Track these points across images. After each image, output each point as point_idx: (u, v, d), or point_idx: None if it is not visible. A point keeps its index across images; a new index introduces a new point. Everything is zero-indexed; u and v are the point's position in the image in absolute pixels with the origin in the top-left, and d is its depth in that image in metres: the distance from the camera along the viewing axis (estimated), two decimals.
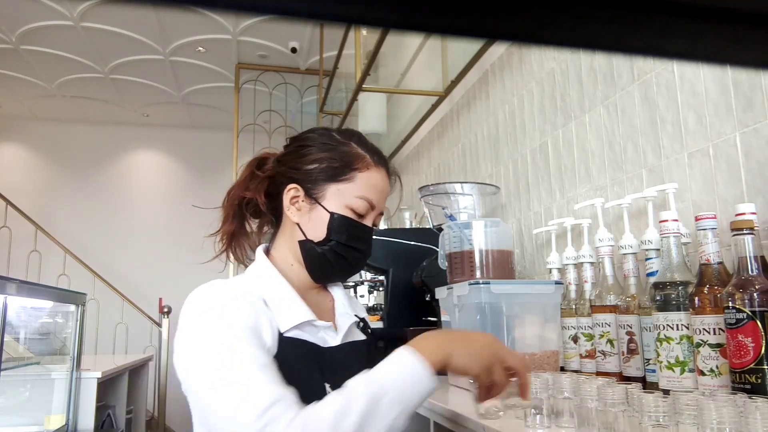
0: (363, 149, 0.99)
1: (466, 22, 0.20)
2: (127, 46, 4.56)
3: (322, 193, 0.96)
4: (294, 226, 0.98)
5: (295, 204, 0.97)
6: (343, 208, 0.96)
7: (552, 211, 1.83)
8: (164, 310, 4.89)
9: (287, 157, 1.00)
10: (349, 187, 0.96)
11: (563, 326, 1.37)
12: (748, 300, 0.84)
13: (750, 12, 0.21)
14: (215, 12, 0.20)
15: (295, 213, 0.97)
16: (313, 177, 0.96)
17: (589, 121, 1.64)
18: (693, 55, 0.23)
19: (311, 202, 0.96)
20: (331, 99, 4.11)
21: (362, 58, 2.74)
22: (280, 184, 0.99)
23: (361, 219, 0.98)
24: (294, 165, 0.98)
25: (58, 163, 6.18)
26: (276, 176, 1.00)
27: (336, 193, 0.95)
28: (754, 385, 0.82)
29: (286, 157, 1.01)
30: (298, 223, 0.97)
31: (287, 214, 0.98)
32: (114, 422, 3.28)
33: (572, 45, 0.22)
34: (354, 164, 0.96)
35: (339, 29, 3.53)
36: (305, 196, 0.97)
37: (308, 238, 0.97)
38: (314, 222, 0.96)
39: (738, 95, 1.13)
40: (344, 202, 0.95)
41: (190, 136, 6.41)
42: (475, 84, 2.48)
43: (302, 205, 0.97)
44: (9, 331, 2.31)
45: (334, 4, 0.19)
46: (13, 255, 5.39)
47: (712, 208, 1.17)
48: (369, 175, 0.97)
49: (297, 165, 0.98)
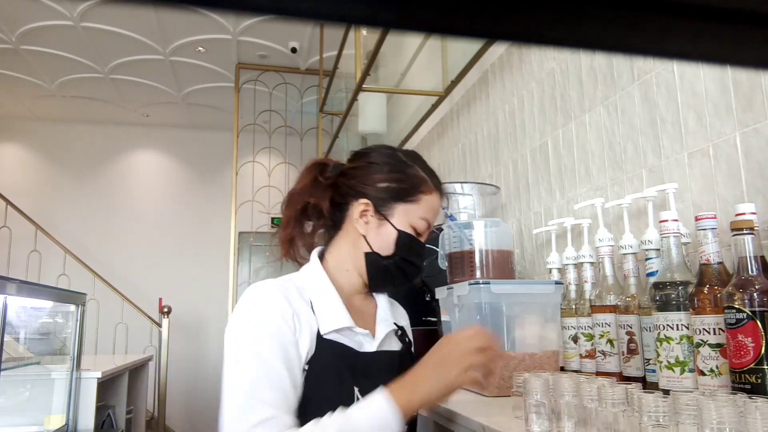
0: (426, 173, 1.08)
1: (466, 22, 0.20)
2: (127, 46, 4.56)
3: (391, 210, 1.04)
4: (359, 237, 1.06)
5: (364, 218, 1.05)
6: (407, 226, 1.05)
7: (552, 211, 1.83)
8: (164, 310, 4.89)
9: (354, 171, 1.08)
10: (414, 208, 1.05)
11: (563, 326, 1.37)
12: (748, 300, 0.84)
13: (750, 12, 0.21)
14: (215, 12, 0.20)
15: (363, 226, 1.05)
16: (384, 195, 1.04)
17: (589, 121, 1.64)
18: (693, 55, 0.23)
19: (380, 218, 1.05)
20: (331, 99, 4.11)
21: (362, 58, 2.74)
22: (347, 196, 1.07)
23: (419, 237, 1.07)
24: (364, 180, 1.06)
25: (58, 163, 6.18)
26: (342, 187, 1.07)
27: (403, 212, 1.04)
28: (754, 385, 0.82)
29: (352, 171, 1.08)
30: (365, 236, 1.05)
31: (354, 225, 1.06)
32: (114, 422, 3.28)
33: (572, 45, 0.22)
34: (420, 187, 1.06)
35: (339, 29, 3.53)
36: (375, 211, 1.05)
37: (374, 251, 1.05)
38: (382, 237, 1.04)
39: (738, 95, 1.13)
40: (409, 221, 1.05)
41: (190, 136, 6.41)
42: (475, 84, 2.48)
43: (371, 220, 1.05)
44: (9, 331, 2.31)
45: (334, 4, 0.19)
46: (13, 255, 5.39)
47: (712, 208, 1.17)
48: (431, 198, 1.07)
49: (367, 181, 1.05)
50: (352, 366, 0.97)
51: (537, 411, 0.88)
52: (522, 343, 1.29)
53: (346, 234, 1.07)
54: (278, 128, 5.19)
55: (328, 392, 0.93)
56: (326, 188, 1.07)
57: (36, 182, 6.08)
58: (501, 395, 1.22)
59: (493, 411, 1.10)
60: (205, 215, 6.21)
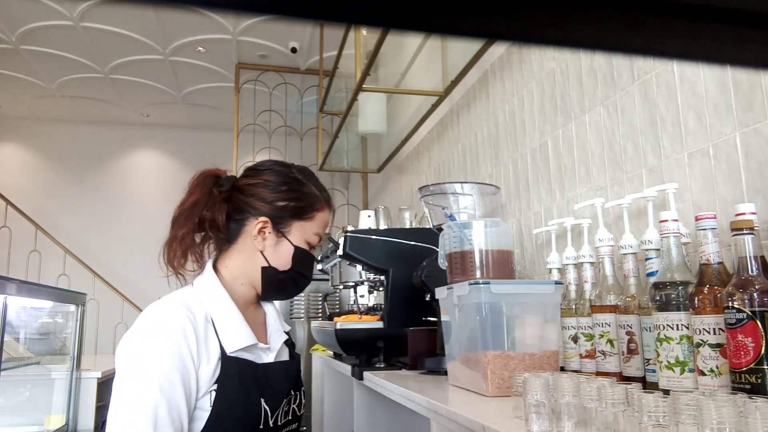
0: (318, 190, 1.15)
1: (466, 22, 0.20)
2: (127, 46, 4.56)
3: (288, 228, 1.10)
4: (255, 252, 1.09)
5: (262, 234, 1.09)
6: (303, 242, 1.11)
7: (552, 211, 1.83)
8: None
9: (249, 188, 1.10)
10: (309, 225, 1.12)
11: (563, 326, 1.37)
12: (748, 300, 0.84)
13: (750, 12, 0.21)
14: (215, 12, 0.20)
15: (261, 242, 1.09)
16: (282, 214, 1.09)
17: (589, 121, 1.64)
18: (693, 55, 0.23)
19: (278, 235, 1.09)
20: (331, 99, 4.11)
21: (362, 58, 2.74)
22: (244, 212, 1.09)
23: (312, 250, 1.14)
24: (261, 198, 1.09)
25: (58, 163, 6.18)
26: (237, 202, 1.10)
27: (299, 229, 1.11)
28: (754, 385, 0.82)
29: (247, 187, 1.10)
30: (262, 251, 1.09)
31: (251, 241, 1.09)
32: None
33: (572, 45, 0.22)
34: (315, 205, 1.13)
35: (339, 29, 3.53)
36: (273, 229, 1.09)
37: (272, 265, 1.09)
38: (279, 253, 1.10)
39: (738, 95, 1.13)
40: (305, 237, 1.11)
41: (190, 136, 6.41)
42: (475, 84, 2.48)
43: (268, 237, 1.09)
44: (9, 331, 2.31)
45: (334, 4, 0.19)
46: (13, 255, 5.39)
47: (712, 208, 1.17)
48: (323, 214, 1.14)
49: (265, 199, 1.09)
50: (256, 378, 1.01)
51: (537, 411, 0.88)
52: (522, 343, 1.29)
53: (241, 248, 1.10)
54: (278, 128, 5.19)
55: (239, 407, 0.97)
56: (222, 202, 1.09)
57: (36, 182, 6.08)
58: (501, 395, 1.22)
59: (493, 411, 1.10)
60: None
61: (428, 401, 1.22)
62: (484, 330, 1.26)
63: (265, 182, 1.11)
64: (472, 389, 1.32)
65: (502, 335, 1.28)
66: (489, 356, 1.25)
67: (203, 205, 1.07)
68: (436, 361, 1.69)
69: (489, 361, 1.24)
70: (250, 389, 0.99)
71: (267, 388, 1.02)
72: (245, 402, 0.98)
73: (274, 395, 1.03)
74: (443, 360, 1.54)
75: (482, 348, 1.27)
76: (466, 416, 1.03)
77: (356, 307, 2.75)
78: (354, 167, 4.59)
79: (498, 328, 1.28)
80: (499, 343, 1.27)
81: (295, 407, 1.11)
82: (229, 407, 0.96)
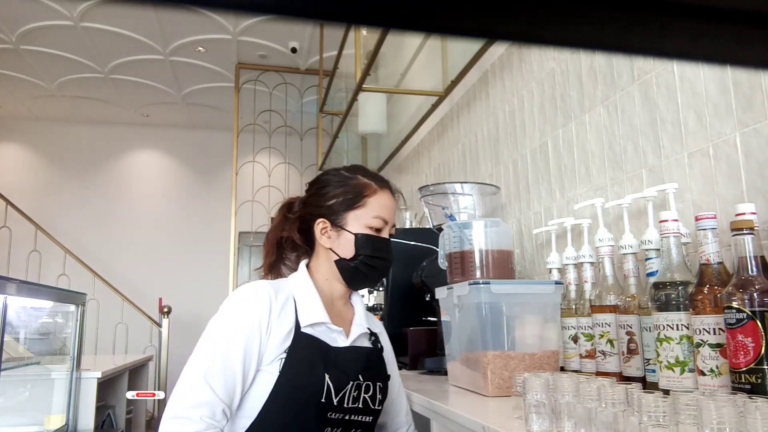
0: (368, 178, 1.23)
1: (466, 22, 0.20)
2: (127, 46, 4.56)
3: (345, 220, 1.20)
4: (327, 251, 1.22)
5: (325, 234, 1.22)
6: (363, 228, 1.20)
7: (552, 211, 1.83)
8: (164, 310, 4.89)
9: (311, 199, 1.25)
10: (364, 211, 1.20)
11: (563, 326, 1.37)
12: (748, 300, 0.84)
13: (750, 12, 0.21)
14: (215, 12, 0.20)
15: (327, 241, 1.22)
16: (335, 209, 1.20)
17: (589, 121, 1.64)
18: (693, 55, 0.23)
19: (338, 230, 1.21)
20: (331, 99, 4.11)
21: (362, 58, 2.74)
22: (310, 221, 1.24)
23: (379, 233, 1.21)
24: (317, 203, 1.23)
25: (58, 163, 6.18)
26: (305, 216, 1.25)
27: (355, 218, 1.20)
28: (754, 385, 0.82)
29: (310, 199, 1.25)
30: (331, 248, 1.21)
31: (320, 242, 1.22)
32: (114, 422, 3.28)
33: (572, 45, 0.22)
34: (364, 192, 1.21)
35: (339, 29, 3.53)
36: (332, 226, 1.21)
37: (341, 257, 1.20)
38: (343, 244, 1.20)
39: (738, 95, 1.13)
40: (364, 223, 1.20)
41: (190, 136, 6.41)
42: (475, 84, 2.48)
43: (331, 234, 1.21)
44: (9, 331, 2.31)
45: (334, 4, 0.19)
46: (13, 255, 5.39)
47: (712, 208, 1.17)
48: (377, 198, 1.21)
49: (320, 203, 1.22)
50: (325, 358, 1.12)
51: (537, 411, 0.88)
52: (522, 343, 1.29)
53: (318, 252, 1.25)
54: (278, 128, 5.19)
55: (303, 376, 1.08)
56: (294, 221, 1.26)
57: (36, 182, 6.08)
58: (501, 395, 1.22)
59: (493, 411, 1.10)
60: (205, 215, 6.20)
61: (428, 401, 1.22)
62: (484, 330, 1.26)
63: (318, 190, 1.24)
64: (472, 389, 1.32)
65: (502, 335, 1.28)
66: (489, 356, 1.25)
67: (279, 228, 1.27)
68: (436, 361, 1.69)
69: (489, 361, 1.24)
70: (316, 363, 1.10)
71: (333, 367, 1.11)
72: (308, 373, 1.08)
73: (340, 376, 1.11)
74: (443, 360, 1.54)
75: (482, 348, 1.27)
76: (466, 416, 1.03)
77: None
78: None
79: (498, 328, 1.28)
80: (499, 343, 1.27)
81: (368, 398, 1.16)
82: (294, 375, 1.07)
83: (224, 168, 5.92)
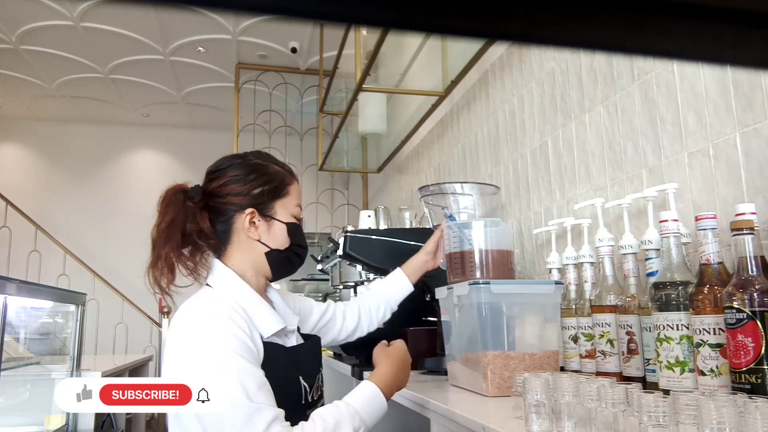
0: (280, 166, 1.19)
1: (466, 22, 0.20)
2: (127, 46, 4.56)
3: (273, 209, 1.14)
4: (251, 243, 1.13)
5: (253, 225, 1.13)
6: (289, 217, 1.16)
7: (552, 211, 1.83)
8: (164, 310, 4.89)
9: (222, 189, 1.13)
10: (288, 200, 1.16)
11: (563, 326, 1.37)
12: (748, 300, 0.84)
13: (750, 12, 0.21)
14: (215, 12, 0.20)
15: (255, 232, 1.13)
16: (262, 199, 1.13)
17: (589, 121, 1.64)
18: (693, 55, 0.23)
19: (267, 220, 1.14)
20: (331, 99, 4.11)
21: (362, 58, 2.74)
22: (226, 212, 1.13)
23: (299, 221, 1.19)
24: (236, 193, 1.12)
25: (58, 163, 6.18)
26: (216, 206, 1.13)
27: (282, 207, 1.15)
28: (754, 385, 0.82)
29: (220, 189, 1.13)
30: (259, 239, 1.13)
31: (246, 234, 1.13)
32: (114, 422, 3.28)
33: (572, 45, 0.22)
34: (285, 180, 1.17)
35: (339, 29, 3.53)
36: (260, 216, 1.13)
37: (272, 248, 1.14)
38: (274, 234, 1.14)
39: (738, 95, 1.13)
40: (289, 212, 1.16)
41: (190, 136, 6.41)
42: (475, 84, 2.48)
43: (259, 224, 1.13)
44: (9, 331, 2.31)
45: (334, 4, 0.19)
46: (13, 255, 5.39)
47: (712, 208, 1.17)
48: (295, 186, 1.19)
49: (241, 193, 1.12)
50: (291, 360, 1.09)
51: (537, 411, 0.88)
52: (522, 343, 1.29)
53: (237, 245, 1.14)
54: (278, 128, 5.18)
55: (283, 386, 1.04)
56: (200, 211, 1.11)
57: (36, 182, 6.08)
58: (501, 395, 1.22)
59: (493, 411, 1.10)
60: None
61: (428, 401, 1.22)
62: (484, 330, 1.26)
63: (233, 178, 1.13)
64: (472, 389, 1.32)
65: (502, 335, 1.28)
66: (489, 356, 1.25)
67: (182, 221, 1.09)
68: (436, 361, 1.69)
69: (489, 361, 1.24)
70: (289, 370, 1.07)
71: (302, 368, 1.10)
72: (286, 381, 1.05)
73: (309, 373, 1.11)
74: (443, 360, 1.54)
75: (482, 348, 1.27)
76: (466, 416, 1.03)
77: None
78: (354, 167, 4.59)
79: (498, 328, 1.28)
80: (499, 343, 1.27)
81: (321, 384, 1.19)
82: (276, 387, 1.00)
83: None
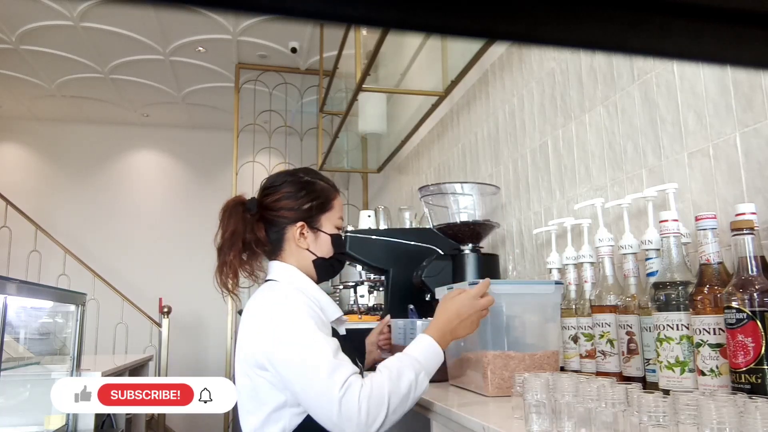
0: (325, 182, 1.35)
1: (466, 22, 0.20)
2: (127, 46, 4.56)
3: (319, 223, 1.31)
4: (301, 251, 1.29)
5: (303, 236, 1.29)
6: (333, 228, 1.32)
7: (552, 211, 1.83)
8: (164, 310, 4.89)
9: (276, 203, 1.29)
10: (332, 213, 1.33)
11: (563, 326, 1.37)
12: (748, 300, 0.84)
13: (750, 12, 0.21)
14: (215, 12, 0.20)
15: (304, 242, 1.29)
16: (310, 213, 1.30)
17: (589, 121, 1.64)
18: (693, 55, 0.23)
19: (315, 232, 1.30)
20: (331, 99, 4.11)
21: (362, 58, 2.73)
22: (279, 224, 1.29)
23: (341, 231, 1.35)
24: (289, 208, 1.29)
25: (58, 163, 6.17)
26: (272, 219, 1.29)
27: (327, 220, 1.32)
28: (754, 385, 0.82)
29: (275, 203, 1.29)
30: (308, 249, 1.29)
31: (296, 244, 1.29)
32: (114, 422, 3.28)
33: (572, 45, 0.22)
34: (330, 196, 1.33)
35: (339, 29, 3.53)
36: (308, 228, 1.30)
37: (319, 257, 1.30)
38: (320, 245, 1.31)
39: (738, 95, 1.13)
40: (333, 224, 1.32)
41: (190, 136, 6.40)
42: (475, 84, 2.48)
43: (308, 235, 1.29)
44: (9, 331, 2.31)
45: (334, 4, 0.19)
46: (13, 255, 5.38)
47: (712, 208, 1.17)
48: (338, 200, 1.35)
49: (292, 207, 1.29)
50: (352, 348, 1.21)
51: (537, 411, 0.88)
52: (522, 343, 1.29)
53: (289, 252, 1.30)
54: (278, 128, 5.18)
55: None
56: (257, 222, 1.27)
57: (36, 182, 6.07)
58: (501, 395, 1.22)
59: (493, 411, 1.10)
60: (205, 215, 6.17)
61: (428, 401, 1.22)
62: (484, 330, 1.26)
63: (285, 194, 1.30)
64: (472, 389, 1.32)
65: (502, 335, 1.28)
66: (489, 356, 1.25)
67: (242, 231, 1.25)
68: None
69: (489, 361, 1.24)
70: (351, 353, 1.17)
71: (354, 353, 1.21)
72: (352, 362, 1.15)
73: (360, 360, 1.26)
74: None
75: (482, 348, 1.27)
76: (466, 416, 1.03)
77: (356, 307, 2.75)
78: (354, 167, 4.59)
79: (498, 328, 1.28)
80: (499, 343, 1.27)
81: None
82: None
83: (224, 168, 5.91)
